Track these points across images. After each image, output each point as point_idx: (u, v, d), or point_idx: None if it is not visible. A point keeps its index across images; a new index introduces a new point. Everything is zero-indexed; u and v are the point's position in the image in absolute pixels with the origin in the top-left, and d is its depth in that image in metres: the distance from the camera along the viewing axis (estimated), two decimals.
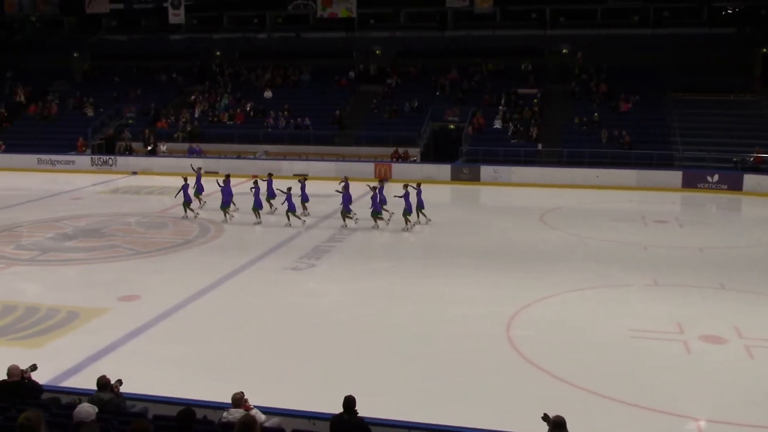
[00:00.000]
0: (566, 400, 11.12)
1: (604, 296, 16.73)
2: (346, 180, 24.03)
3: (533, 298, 16.15)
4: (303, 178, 25.39)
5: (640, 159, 32.27)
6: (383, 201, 23.57)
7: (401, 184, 23.65)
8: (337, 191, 23.38)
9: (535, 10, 42.89)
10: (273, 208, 24.93)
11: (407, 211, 22.94)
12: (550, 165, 33.23)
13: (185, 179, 24.67)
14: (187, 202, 24.48)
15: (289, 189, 23.35)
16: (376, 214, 23.08)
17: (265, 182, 24.81)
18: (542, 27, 42.17)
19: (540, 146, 34.36)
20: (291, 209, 23.35)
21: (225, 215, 24.26)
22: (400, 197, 22.87)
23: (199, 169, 26.80)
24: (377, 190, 23.29)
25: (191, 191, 24.86)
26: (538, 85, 38.87)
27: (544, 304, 15.96)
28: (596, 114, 35.66)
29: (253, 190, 23.99)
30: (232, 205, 24.61)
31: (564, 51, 40.98)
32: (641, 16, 41.25)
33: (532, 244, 21.75)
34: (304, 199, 24.56)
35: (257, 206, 23.88)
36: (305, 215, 24.36)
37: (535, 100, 37.59)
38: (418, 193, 23.47)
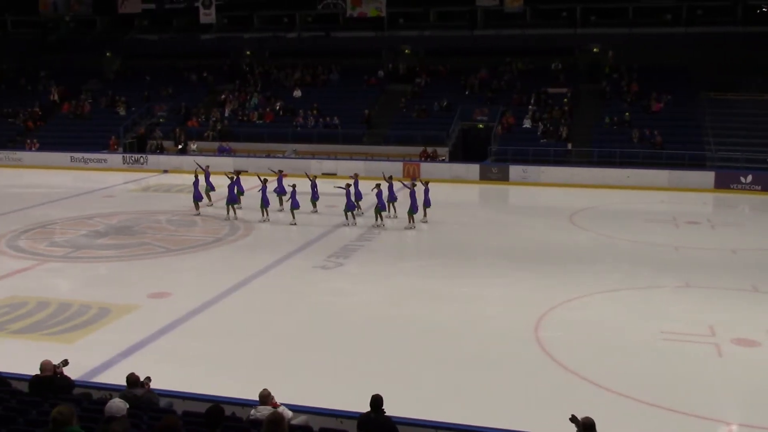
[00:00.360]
0: (595, 401, 11.02)
1: (634, 298, 16.55)
2: (356, 177, 24.49)
3: (562, 299, 16.04)
4: (313, 177, 25.53)
5: (671, 159, 31.88)
6: (393, 198, 24.04)
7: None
8: (340, 187, 23.51)
9: (566, 9, 42.63)
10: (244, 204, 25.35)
11: (412, 210, 22.92)
12: (580, 165, 32.94)
13: (196, 176, 25.37)
14: (196, 199, 25.24)
15: (294, 186, 23.81)
16: (379, 210, 23.24)
17: (275, 179, 25.23)
18: (573, 26, 41.88)
19: (570, 146, 34.09)
20: (294, 206, 23.65)
21: (228, 212, 24.54)
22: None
23: (207, 167, 27.09)
24: (389, 188, 23.75)
25: (202, 189, 25.70)
26: (568, 85, 38.56)
27: (574, 305, 15.84)
28: (627, 114, 35.30)
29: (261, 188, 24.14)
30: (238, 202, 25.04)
31: (595, 50, 40.62)
32: (674, 14, 40.83)
33: (562, 245, 21.59)
34: (314, 197, 24.88)
35: (264, 204, 24.06)
36: (314, 212, 24.85)
37: (565, 100, 37.30)
38: (426, 192, 23.41)
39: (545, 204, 29.22)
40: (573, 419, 7.50)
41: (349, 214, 23.51)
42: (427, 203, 23.73)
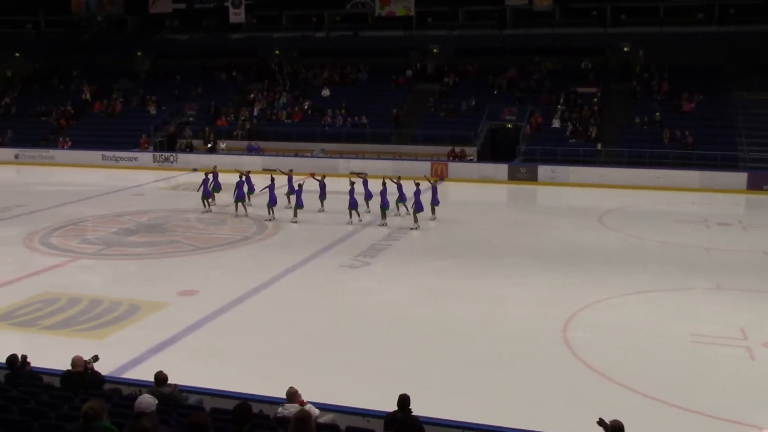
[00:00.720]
0: (624, 404, 10.90)
1: (664, 299, 16.38)
2: (365, 177, 24.87)
3: (591, 300, 15.92)
4: (323, 177, 25.60)
5: (702, 160, 31.49)
6: (402, 198, 24.25)
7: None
8: (358, 173, 23.72)
9: (596, 8, 42.28)
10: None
11: (417, 209, 22.98)
12: (610, 165, 32.65)
13: (206, 174, 26.03)
14: (205, 196, 25.69)
15: (301, 185, 24.10)
16: (384, 209, 23.44)
17: (286, 177, 25.58)
18: (603, 25, 41.53)
19: (599, 146, 33.82)
20: (299, 205, 23.98)
21: (237, 208, 24.99)
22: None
23: (215, 167, 27.36)
24: (398, 186, 24.04)
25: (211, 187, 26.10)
26: (598, 84, 38.23)
27: (602, 306, 15.72)
28: (658, 113, 34.93)
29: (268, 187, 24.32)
30: (246, 200, 25.39)
31: (625, 49, 40.23)
32: (706, 13, 40.28)
33: (591, 245, 21.44)
34: (322, 196, 24.99)
35: (272, 202, 24.24)
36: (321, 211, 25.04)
37: (595, 99, 37.00)
38: (417, 193, 23.19)
39: (574, 204, 29.01)
40: (601, 422, 7.45)
41: (354, 212, 23.69)
42: (435, 202, 23.96)
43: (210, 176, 26.07)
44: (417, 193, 22.92)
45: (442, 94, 39.78)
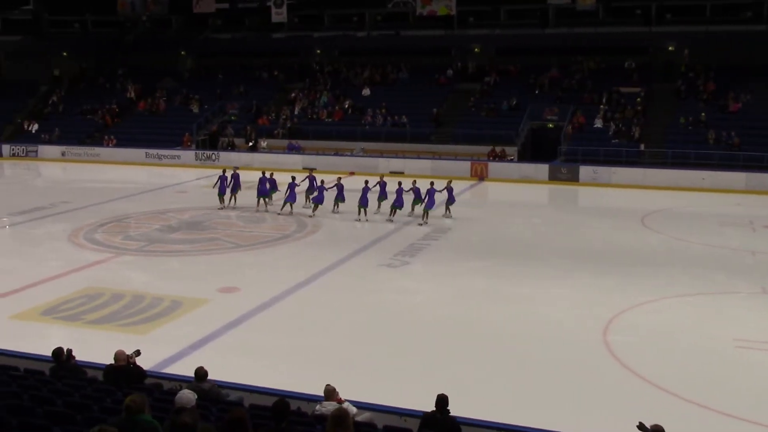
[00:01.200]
0: (664, 409, 10.74)
1: (708, 303, 16.10)
2: (381, 178, 24.95)
3: (632, 303, 15.71)
4: (339, 178, 25.65)
5: (749, 161, 30.87)
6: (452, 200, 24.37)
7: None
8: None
9: (640, 6, 41.68)
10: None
11: (428, 207, 23.31)
12: (653, 166, 32.20)
13: (224, 171, 26.13)
14: (221, 194, 25.82)
15: (323, 182, 24.51)
16: (395, 206, 23.80)
17: (307, 178, 25.70)
18: (647, 24, 40.90)
19: (642, 146, 33.33)
20: (318, 201, 24.34)
21: (258, 203, 25.58)
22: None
23: (236, 168, 27.15)
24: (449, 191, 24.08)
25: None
26: (642, 84, 37.71)
27: (644, 309, 15.50)
28: (703, 114, 34.32)
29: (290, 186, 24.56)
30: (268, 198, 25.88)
31: (670, 48, 39.61)
32: (754, 11, 39.44)
33: (633, 247, 21.15)
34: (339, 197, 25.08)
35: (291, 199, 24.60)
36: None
37: (639, 99, 36.49)
38: (449, 191, 23.82)
39: (616, 205, 28.66)
40: (641, 426, 7.35)
41: (362, 210, 23.92)
42: (451, 200, 24.25)
43: (228, 174, 25.90)
44: (430, 192, 23.30)
45: (483, 94, 39.58)
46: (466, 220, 23.52)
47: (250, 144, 38.92)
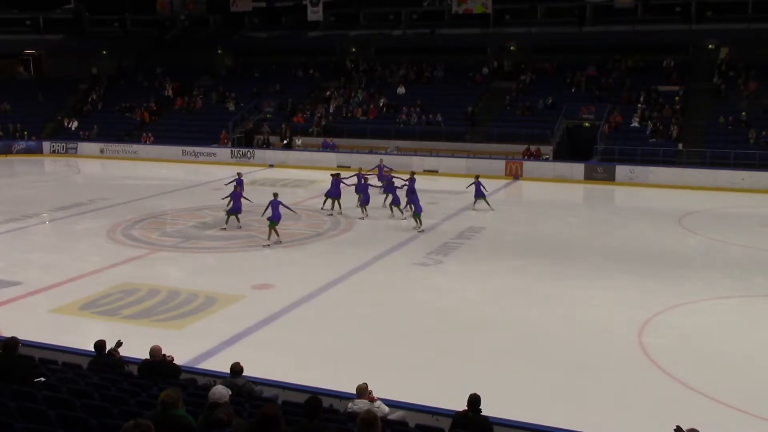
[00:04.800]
0: (701, 413, 10.60)
1: (747, 306, 15.82)
2: (390, 175, 25.10)
3: (669, 305, 15.50)
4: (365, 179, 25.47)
5: None
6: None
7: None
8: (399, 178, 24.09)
9: (680, 4, 41.03)
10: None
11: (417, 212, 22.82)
12: (692, 166, 31.69)
13: (239, 174, 24.66)
14: (235, 212, 24.68)
15: (366, 179, 24.57)
16: (396, 205, 23.98)
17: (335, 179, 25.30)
18: (687, 21, 40.28)
19: (680, 146, 32.84)
20: (364, 202, 24.35)
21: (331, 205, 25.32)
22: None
23: (240, 174, 25.06)
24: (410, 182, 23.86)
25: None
26: (681, 83, 37.14)
27: (681, 311, 15.28)
28: (744, 113, 33.72)
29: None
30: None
31: (710, 46, 38.96)
32: None
33: (670, 248, 20.86)
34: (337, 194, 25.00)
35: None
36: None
37: (677, 98, 35.96)
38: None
39: (653, 206, 28.27)
40: (678, 430, 7.25)
41: (364, 208, 24.17)
42: (479, 194, 24.58)
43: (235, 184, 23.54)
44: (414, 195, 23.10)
45: (519, 92, 39.33)
46: (500, 219, 23.39)
47: (285, 142, 39.13)
